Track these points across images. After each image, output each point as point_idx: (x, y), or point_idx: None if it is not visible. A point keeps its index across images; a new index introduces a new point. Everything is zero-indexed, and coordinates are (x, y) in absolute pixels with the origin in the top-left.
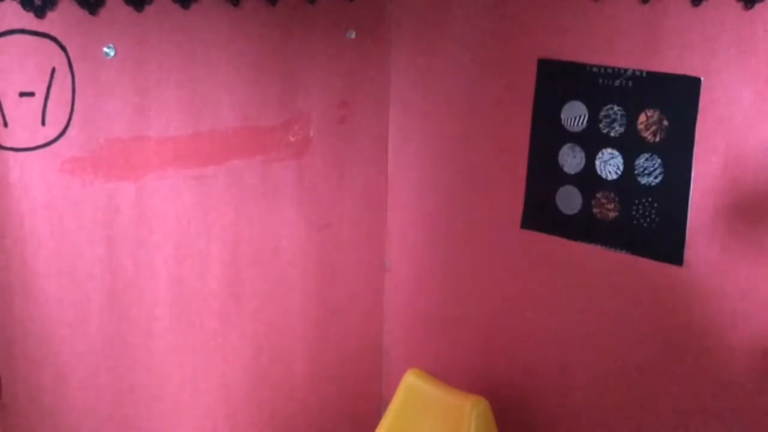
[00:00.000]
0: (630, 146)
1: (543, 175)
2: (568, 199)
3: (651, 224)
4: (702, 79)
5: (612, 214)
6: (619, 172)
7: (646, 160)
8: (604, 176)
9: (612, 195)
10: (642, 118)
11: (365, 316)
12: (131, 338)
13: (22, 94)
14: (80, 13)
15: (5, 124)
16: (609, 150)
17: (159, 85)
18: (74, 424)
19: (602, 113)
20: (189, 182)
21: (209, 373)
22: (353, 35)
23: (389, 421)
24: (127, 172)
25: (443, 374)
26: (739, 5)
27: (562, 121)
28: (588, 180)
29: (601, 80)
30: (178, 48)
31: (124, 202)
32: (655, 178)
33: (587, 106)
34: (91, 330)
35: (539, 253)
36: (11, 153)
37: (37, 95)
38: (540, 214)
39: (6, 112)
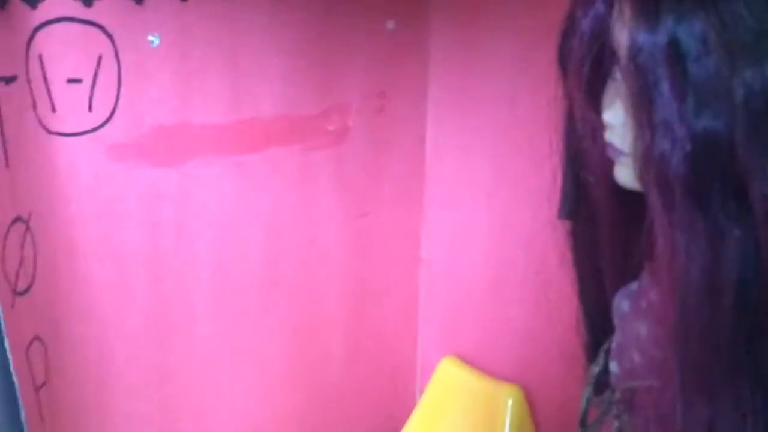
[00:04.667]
0: None
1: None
2: None
3: None
4: None
5: None
6: None
7: None
8: None
9: None
10: None
11: (401, 305)
12: (173, 321)
13: (69, 81)
14: (126, 2)
15: (53, 110)
16: None
17: (202, 73)
18: (117, 402)
19: None
20: (230, 169)
21: (248, 357)
22: (393, 26)
23: (424, 408)
24: (170, 159)
25: (479, 362)
26: None
27: None
28: None
29: None
30: (220, 37)
31: (167, 188)
32: None
33: None
34: (135, 311)
35: None
36: (59, 138)
37: (84, 82)
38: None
39: (54, 98)
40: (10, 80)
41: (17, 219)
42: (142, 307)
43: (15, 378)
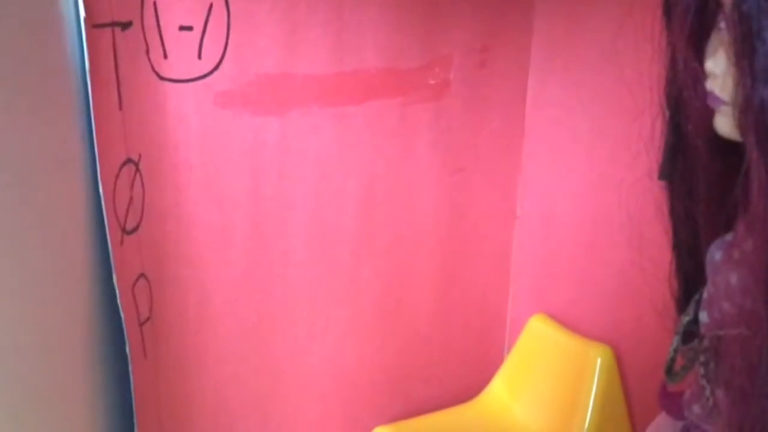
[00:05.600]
0: None
1: None
2: None
3: None
4: None
5: None
6: None
7: None
8: None
9: None
10: None
11: (493, 261)
12: (270, 266)
13: (181, 28)
14: None
15: (165, 56)
16: None
17: (307, 24)
18: (214, 341)
19: None
20: (330, 120)
21: (340, 304)
22: None
23: (512, 364)
24: (273, 107)
25: (569, 321)
26: None
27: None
28: None
29: None
30: None
31: (269, 136)
32: None
33: None
34: (235, 255)
35: None
36: (169, 84)
37: (195, 30)
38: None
39: (166, 44)
40: (125, 26)
41: (128, 160)
42: (241, 251)
43: (122, 313)
